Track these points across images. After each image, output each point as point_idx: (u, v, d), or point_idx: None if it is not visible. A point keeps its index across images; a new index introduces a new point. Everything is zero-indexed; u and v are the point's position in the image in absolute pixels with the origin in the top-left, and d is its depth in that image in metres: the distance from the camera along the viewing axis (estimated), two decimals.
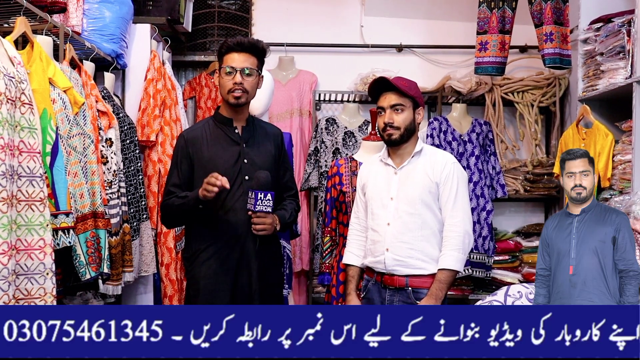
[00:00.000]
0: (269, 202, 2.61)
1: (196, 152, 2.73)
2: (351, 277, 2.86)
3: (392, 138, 2.70)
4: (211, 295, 2.67)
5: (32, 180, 2.34)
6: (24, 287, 2.32)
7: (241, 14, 4.71)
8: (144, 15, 3.94)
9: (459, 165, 2.78)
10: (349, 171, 3.42)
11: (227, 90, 2.71)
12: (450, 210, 2.68)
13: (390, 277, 2.69)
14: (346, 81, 4.52)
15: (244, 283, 2.69)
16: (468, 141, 4.23)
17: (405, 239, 2.67)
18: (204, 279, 2.69)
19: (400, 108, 2.69)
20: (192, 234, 2.77)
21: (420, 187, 2.69)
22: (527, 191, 4.38)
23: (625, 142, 3.26)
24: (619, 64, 3.29)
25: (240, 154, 2.74)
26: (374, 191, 2.80)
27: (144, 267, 3.59)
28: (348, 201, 3.35)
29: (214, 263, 2.69)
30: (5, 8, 2.74)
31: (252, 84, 2.73)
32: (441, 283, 2.62)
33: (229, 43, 2.74)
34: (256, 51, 2.76)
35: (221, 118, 2.79)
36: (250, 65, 2.72)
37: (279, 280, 2.90)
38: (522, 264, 4.31)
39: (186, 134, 2.81)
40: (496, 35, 3.89)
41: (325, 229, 3.52)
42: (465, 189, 2.74)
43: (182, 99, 4.27)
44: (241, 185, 2.69)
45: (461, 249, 2.65)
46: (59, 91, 2.67)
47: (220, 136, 2.77)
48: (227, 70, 2.70)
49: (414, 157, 2.74)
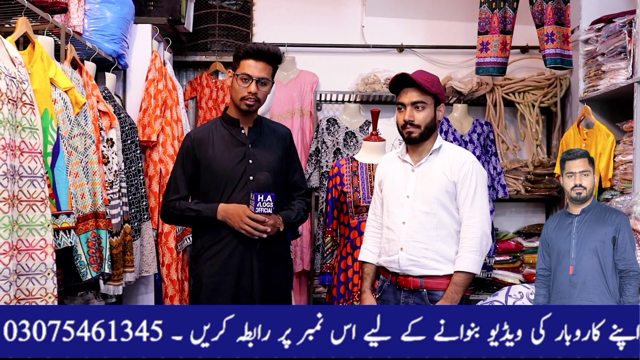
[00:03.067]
0: (269, 203, 2.62)
1: (202, 152, 2.75)
2: (366, 275, 2.80)
3: (411, 136, 2.63)
4: (213, 294, 2.69)
5: (34, 180, 2.35)
6: (25, 287, 2.32)
7: (242, 14, 4.71)
8: (145, 16, 3.95)
9: (479, 164, 2.70)
10: (350, 171, 3.42)
11: (240, 97, 2.71)
12: (467, 211, 2.60)
13: (405, 278, 2.63)
14: (347, 81, 4.51)
15: (247, 283, 2.70)
16: (469, 141, 4.23)
17: (420, 238, 2.61)
18: (207, 277, 2.71)
19: (422, 106, 2.61)
20: (198, 232, 2.80)
21: (437, 185, 2.62)
22: (528, 191, 4.38)
23: (627, 142, 3.26)
24: (620, 64, 3.29)
25: (246, 154, 2.75)
26: (390, 188, 2.73)
27: (145, 267, 3.59)
28: (349, 201, 3.35)
29: (216, 262, 2.70)
30: (6, 8, 2.74)
31: (265, 93, 2.75)
32: (457, 286, 2.54)
33: (249, 49, 2.71)
34: (274, 60, 2.76)
35: (228, 119, 2.80)
36: (266, 75, 2.73)
37: (283, 280, 2.88)
38: (523, 264, 4.31)
39: (193, 134, 2.83)
40: (497, 35, 3.89)
41: (326, 229, 3.52)
42: (484, 189, 2.66)
43: (183, 99, 4.27)
44: (245, 186, 2.70)
45: (478, 250, 2.57)
46: (60, 91, 2.67)
47: (226, 136, 2.78)
48: (244, 77, 2.70)
49: (432, 154, 2.67)
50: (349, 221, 3.36)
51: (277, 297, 2.78)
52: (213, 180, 2.72)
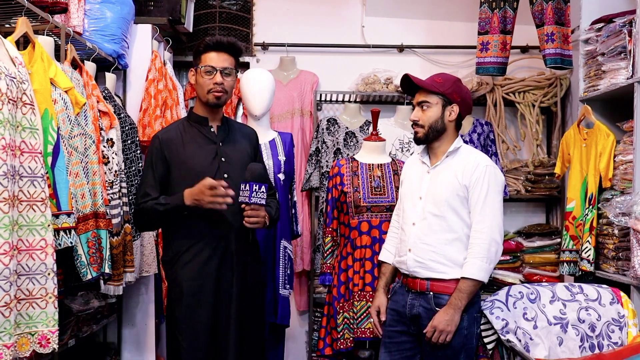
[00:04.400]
0: (263, 194, 2.58)
1: (172, 152, 2.70)
2: (382, 274, 2.84)
3: (417, 136, 2.67)
4: (194, 298, 2.64)
5: (34, 180, 2.34)
6: (26, 287, 2.32)
7: (242, 14, 4.71)
8: (145, 16, 3.94)
9: (494, 168, 2.63)
10: (350, 171, 3.41)
11: (206, 90, 2.70)
12: (478, 215, 2.56)
13: (413, 280, 2.63)
14: (347, 81, 4.51)
15: (227, 284, 2.67)
16: (469, 141, 4.22)
17: (429, 240, 2.60)
18: (187, 281, 2.65)
19: (426, 105, 2.63)
20: (171, 236, 2.73)
21: (448, 188, 2.59)
22: (528, 191, 4.38)
23: (627, 142, 3.26)
24: (620, 64, 3.29)
25: (217, 152, 2.72)
26: (406, 189, 2.76)
27: (145, 267, 3.59)
28: (349, 201, 3.35)
29: (196, 265, 2.65)
30: (6, 8, 2.74)
31: (231, 84, 2.73)
32: (461, 292, 2.52)
33: (208, 42, 2.72)
34: (234, 51, 2.75)
35: (196, 117, 2.78)
36: (229, 65, 2.72)
37: (260, 276, 2.87)
38: (523, 264, 4.30)
39: (161, 134, 2.78)
40: (497, 35, 3.89)
41: (327, 229, 3.52)
42: (497, 195, 2.60)
43: (184, 99, 4.27)
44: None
45: (486, 257, 2.52)
46: (60, 91, 2.67)
47: (196, 135, 2.75)
48: (207, 69, 2.69)
49: (447, 156, 2.65)
50: (349, 221, 3.35)
51: (254, 297, 2.77)
52: (186, 180, 2.64)
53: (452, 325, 2.52)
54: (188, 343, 2.63)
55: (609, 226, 3.27)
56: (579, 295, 2.85)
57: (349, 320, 3.35)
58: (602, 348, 2.74)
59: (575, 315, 2.78)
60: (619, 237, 3.21)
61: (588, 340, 2.75)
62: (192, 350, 2.63)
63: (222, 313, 2.66)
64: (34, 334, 2.34)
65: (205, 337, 2.63)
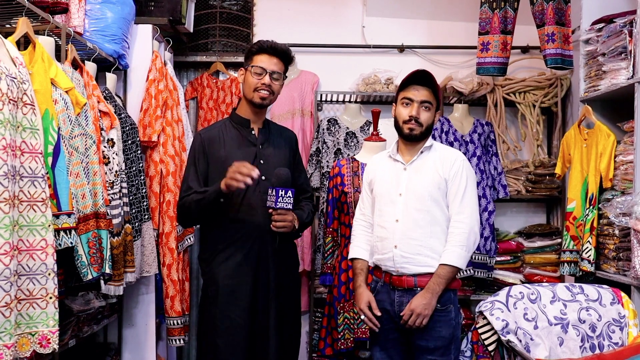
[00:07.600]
0: (289, 199, 2.62)
1: (212, 151, 2.75)
2: (360, 270, 2.81)
3: (413, 133, 2.67)
4: (232, 295, 2.70)
5: (34, 180, 2.35)
6: (26, 287, 2.32)
7: (243, 14, 4.71)
8: (146, 16, 3.94)
9: (468, 163, 2.75)
10: (351, 172, 3.42)
11: (253, 89, 2.73)
12: (457, 207, 2.65)
13: (399, 278, 2.65)
14: (348, 81, 4.52)
15: (264, 282, 2.71)
16: (470, 142, 4.22)
17: (415, 235, 2.64)
18: (224, 279, 2.71)
19: (429, 106, 2.67)
20: (209, 235, 2.79)
21: (429, 182, 2.66)
22: (529, 192, 4.38)
23: (627, 142, 3.26)
24: (621, 64, 3.29)
25: (257, 154, 2.76)
26: (382, 187, 2.76)
27: (146, 267, 3.59)
28: (350, 202, 3.35)
29: (232, 263, 2.71)
30: (7, 9, 2.74)
31: (277, 88, 2.78)
32: (440, 278, 2.58)
33: (263, 45, 2.76)
34: (286, 58, 2.80)
35: (238, 119, 2.81)
36: (279, 70, 2.77)
37: (296, 279, 2.93)
38: (524, 264, 4.30)
39: (203, 133, 2.83)
40: (498, 35, 3.89)
41: (327, 229, 3.53)
42: (473, 188, 2.71)
43: (184, 100, 4.27)
44: (258, 186, 2.70)
45: (464, 246, 2.61)
46: (60, 92, 2.67)
47: (236, 137, 2.78)
48: (258, 71, 2.71)
49: (423, 152, 2.71)
50: (350, 221, 3.35)
51: (291, 296, 2.82)
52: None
53: (430, 309, 2.57)
54: (224, 341, 2.65)
55: (610, 226, 3.27)
56: (580, 296, 2.85)
57: (350, 320, 3.35)
58: (603, 348, 2.73)
59: (576, 315, 2.78)
60: (619, 238, 3.20)
61: (589, 341, 2.75)
62: (229, 350, 2.65)
63: (259, 314, 2.70)
64: (35, 334, 2.34)
65: (243, 337, 2.66)
